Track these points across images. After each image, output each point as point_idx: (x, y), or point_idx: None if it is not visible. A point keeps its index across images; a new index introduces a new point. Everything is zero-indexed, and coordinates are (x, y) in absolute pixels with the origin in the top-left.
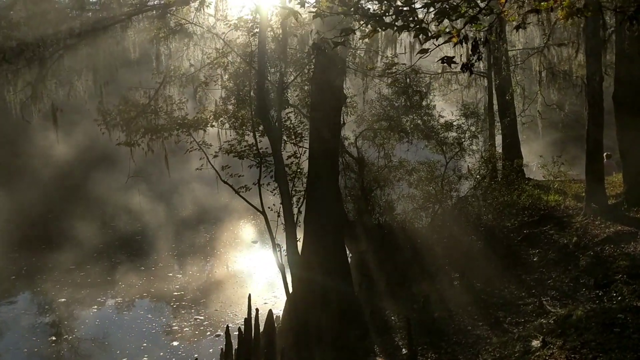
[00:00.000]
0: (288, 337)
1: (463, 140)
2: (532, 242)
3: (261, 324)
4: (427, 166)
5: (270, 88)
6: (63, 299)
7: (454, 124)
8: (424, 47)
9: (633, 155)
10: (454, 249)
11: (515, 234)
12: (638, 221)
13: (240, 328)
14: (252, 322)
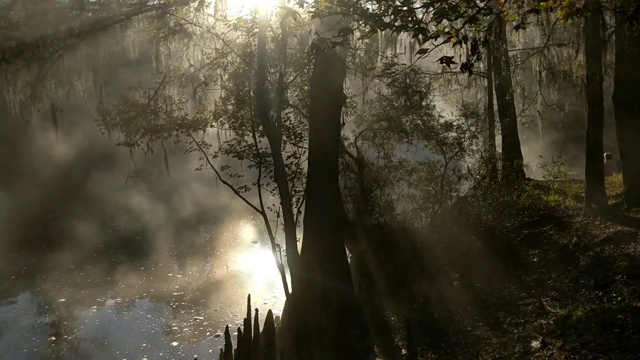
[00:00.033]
0: (288, 338)
1: (463, 140)
2: (532, 243)
3: (261, 324)
4: (427, 166)
5: (269, 88)
6: (63, 299)
7: (454, 124)
8: (423, 47)
9: (633, 155)
10: (454, 249)
11: (515, 234)
12: (638, 221)
13: (239, 328)
14: (252, 323)
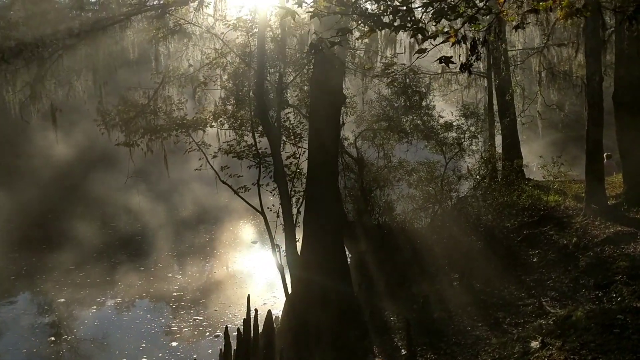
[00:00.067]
0: (287, 338)
1: (463, 140)
2: (532, 243)
3: (260, 325)
4: (427, 166)
5: (269, 88)
6: (63, 299)
7: (454, 124)
8: (422, 47)
9: (633, 155)
10: (454, 250)
11: (515, 235)
12: (638, 221)
13: (239, 328)
14: (251, 323)
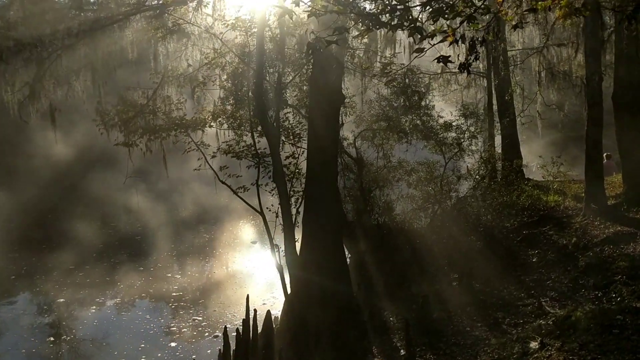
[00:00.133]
0: (286, 338)
1: (462, 140)
2: (532, 243)
3: (259, 325)
4: (426, 166)
5: (268, 88)
6: (62, 299)
7: (453, 124)
8: (420, 47)
9: (633, 155)
10: (453, 250)
11: (514, 235)
12: (638, 222)
13: (238, 329)
14: (250, 323)
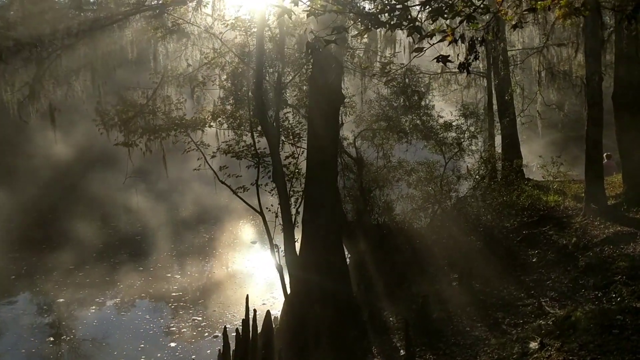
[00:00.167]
0: (286, 338)
1: (462, 140)
2: (532, 243)
3: (259, 325)
4: (426, 166)
5: (268, 88)
6: (62, 299)
7: (453, 124)
8: (419, 46)
9: (633, 155)
10: (453, 250)
11: (514, 235)
12: (638, 222)
13: (238, 329)
14: (250, 323)
